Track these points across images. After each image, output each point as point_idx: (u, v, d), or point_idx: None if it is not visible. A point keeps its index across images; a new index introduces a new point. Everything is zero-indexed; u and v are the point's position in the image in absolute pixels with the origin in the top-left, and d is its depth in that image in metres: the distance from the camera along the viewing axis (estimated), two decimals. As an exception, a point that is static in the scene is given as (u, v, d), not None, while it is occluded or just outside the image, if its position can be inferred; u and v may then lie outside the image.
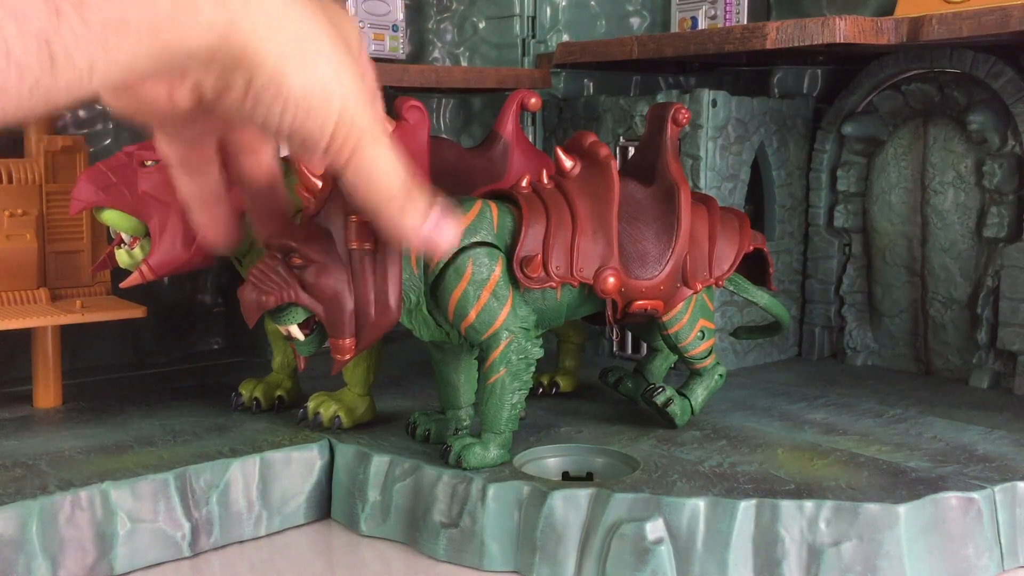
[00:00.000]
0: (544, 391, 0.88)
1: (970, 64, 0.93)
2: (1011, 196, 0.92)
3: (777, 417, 0.82)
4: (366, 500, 0.70)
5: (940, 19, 0.82)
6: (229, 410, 0.83)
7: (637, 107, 0.99)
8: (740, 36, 0.88)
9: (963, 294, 0.97)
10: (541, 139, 1.13)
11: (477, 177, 0.81)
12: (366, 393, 0.78)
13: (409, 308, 0.67)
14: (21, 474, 0.66)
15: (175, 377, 0.98)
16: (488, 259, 0.66)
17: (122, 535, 0.64)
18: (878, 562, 0.60)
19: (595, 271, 0.69)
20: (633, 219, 0.72)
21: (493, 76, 1.05)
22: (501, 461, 0.68)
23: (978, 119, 0.92)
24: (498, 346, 0.67)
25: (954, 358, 0.98)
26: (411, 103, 0.80)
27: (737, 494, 0.62)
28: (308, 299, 0.62)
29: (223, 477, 0.68)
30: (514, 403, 0.68)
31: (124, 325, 1.01)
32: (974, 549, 0.62)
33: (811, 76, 1.10)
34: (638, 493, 0.62)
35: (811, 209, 1.07)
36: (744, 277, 0.80)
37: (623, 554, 0.60)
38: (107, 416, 0.82)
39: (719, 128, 0.96)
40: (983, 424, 0.80)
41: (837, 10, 1.08)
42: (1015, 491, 0.65)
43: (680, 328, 0.75)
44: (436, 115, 1.22)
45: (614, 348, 1.06)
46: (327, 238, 0.62)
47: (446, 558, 0.65)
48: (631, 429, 0.77)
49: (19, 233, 0.82)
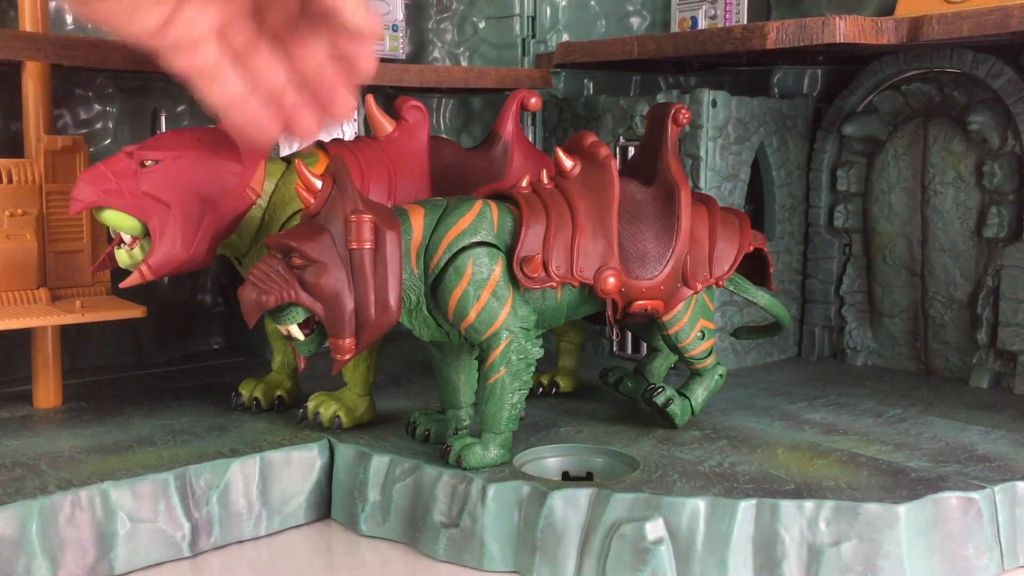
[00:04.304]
0: (544, 391, 0.88)
1: (970, 64, 0.93)
2: (1011, 196, 0.92)
3: (777, 417, 0.82)
4: (366, 500, 0.70)
5: (940, 19, 0.82)
6: (229, 410, 0.83)
7: (637, 107, 0.99)
8: (740, 36, 0.88)
9: (963, 294, 0.97)
10: (541, 139, 1.13)
11: (477, 177, 0.81)
12: (366, 393, 0.78)
13: (409, 308, 0.67)
14: (21, 474, 0.66)
15: (175, 377, 0.98)
16: (488, 259, 0.66)
17: (122, 535, 0.64)
18: (878, 562, 0.60)
19: (595, 271, 0.69)
20: (633, 219, 0.72)
21: (493, 76, 1.06)
22: (501, 461, 0.68)
23: (978, 119, 0.92)
24: (498, 346, 0.67)
25: (954, 358, 0.98)
26: (411, 103, 0.80)
27: (737, 494, 0.62)
28: (308, 299, 0.62)
29: (223, 477, 0.68)
30: (514, 403, 0.68)
31: (124, 325, 1.01)
32: (974, 549, 0.62)
33: (811, 76, 1.10)
34: (638, 493, 0.62)
35: (811, 209, 1.07)
36: (744, 277, 0.80)
37: (623, 554, 0.60)
38: (107, 416, 0.82)
39: (719, 128, 0.96)
40: (983, 424, 0.80)
41: (837, 10, 1.08)
42: (1015, 491, 0.65)
43: (680, 328, 0.75)
44: (436, 115, 1.22)
45: (614, 348, 1.06)
46: (327, 238, 0.62)
47: (446, 558, 0.65)
48: (631, 429, 0.77)
49: (19, 233, 0.82)
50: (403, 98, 0.80)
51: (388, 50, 1.09)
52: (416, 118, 0.80)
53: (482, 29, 1.19)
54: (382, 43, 1.05)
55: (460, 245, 0.66)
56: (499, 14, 1.17)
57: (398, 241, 0.63)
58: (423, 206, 0.68)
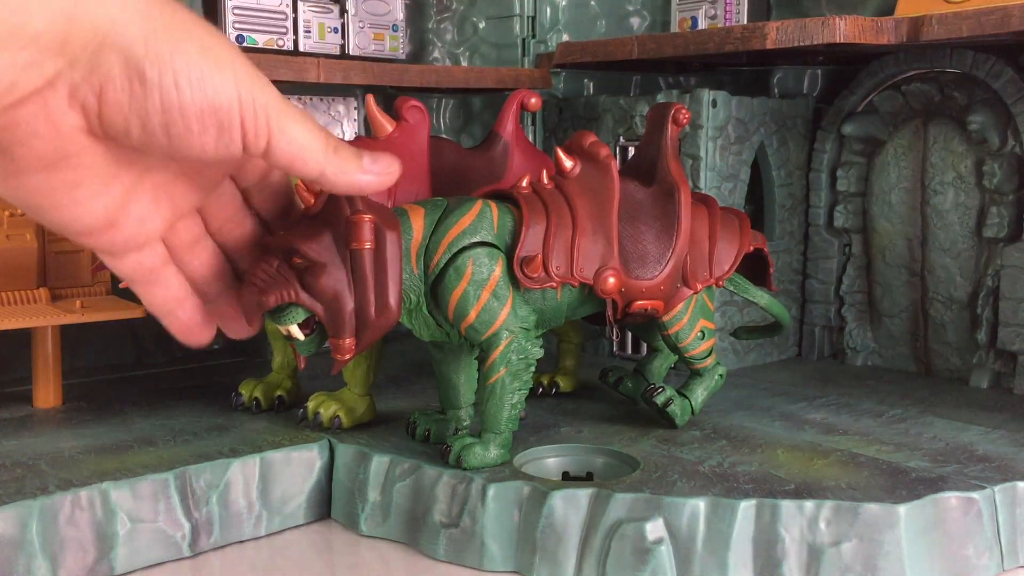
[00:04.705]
0: (544, 391, 0.88)
1: (970, 64, 0.93)
2: (1011, 196, 0.92)
3: (777, 417, 0.82)
4: (366, 500, 0.69)
5: (940, 19, 0.82)
6: (229, 410, 0.83)
7: (637, 107, 0.99)
8: (740, 36, 0.88)
9: (963, 294, 0.97)
10: (541, 139, 1.13)
11: (477, 177, 0.81)
12: (366, 393, 0.78)
13: (409, 308, 0.67)
14: (21, 474, 0.66)
15: (175, 377, 0.98)
16: (488, 259, 0.66)
17: (122, 535, 0.64)
18: (878, 562, 0.60)
19: (595, 271, 0.69)
20: (633, 219, 0.72)
21: (493, 76, 1.05)
22: (501, 461, 0.68)
23: (978, 119, 0.92)
24: (498, 346, 0.67)
25: (954, 358, 0.98)
26: (411, 103, 0.80)
27: (737, 494, 0.62)
28: (308, 299, 0.61)
29: (223, 477, 0.68)
30: (514, 403, 0.68)
31: (124, 325, 1.01)
32: (974, 549, 0.62)
33: (811, 76, 1.10)
34: (638, 493, 0.62)
35: (811, 209, 1.07)
36: (744, 277, 0.80)
37: (623, 554, 0.60)
38: (107, 416, 0.81)
39: (719, 128, 0.96)
40: (983, 424, 0.80)
41: (837, 10, 1.08)
42: (1015, 491, 0.65)
43: (680, 328, 0.75)
44: (436, 115, 1.22)
45: (614, 348, 1.06)
46: (328, 238, 0.62)
47: (446, 558, 0.65)
48: (631, 429, 0.77)
49: (19, 233, 0.82)
50: (403, 98, 0.80)
51: (388, 50, 1.09)
52: (416, 118, 0.80)
53: (482, 29, 1.19)
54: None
55: (460, 245, 0.66)
56: (499, 14, 1.17)
57: (398, 241, 0.63)
58: (423, 206, 0.68)
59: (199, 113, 0.39)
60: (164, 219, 0.45)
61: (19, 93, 0.36)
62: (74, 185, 0.40)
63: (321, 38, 1.04)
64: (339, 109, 1.12)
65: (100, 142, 0.39)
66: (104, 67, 0.37)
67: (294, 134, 0.42)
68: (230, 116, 0.39)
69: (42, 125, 0.37)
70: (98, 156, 0.40)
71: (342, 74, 0.94)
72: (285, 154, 0.42)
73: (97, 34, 0.36)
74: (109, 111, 0.38)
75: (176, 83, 0.38)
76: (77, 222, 0.41)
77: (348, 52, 1.06)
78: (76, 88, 0.37)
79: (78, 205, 0.40)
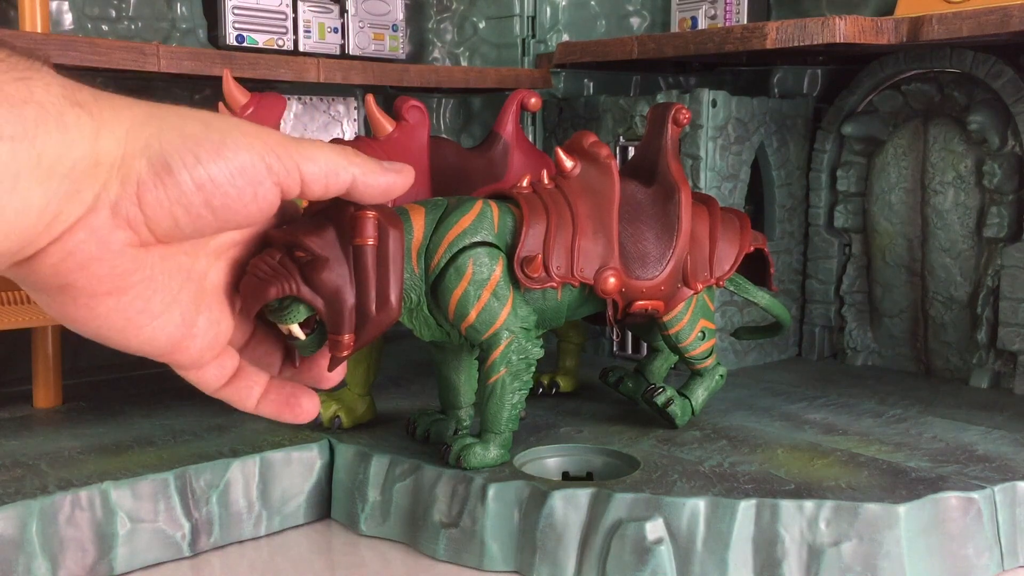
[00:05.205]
0: (544, 391, 0.88)
1: (970, 64, 0.93)
2: (1011, 196, 0.92)
3: (777, 417, 0.82)
4: (366, 500, 0.69)
5: (940, 19, 0.82)
6: (229, 410, 0.82)
7: (637, 107, 0.99)
8: (740, 36, 0.88)
9: (963, 294, 0.97)
10: (541, 139, 1.13)
11: (477, 177, 0.81)
12: (366, 393, 0.78)
13: (410, 308, 0.67)
14: (21, 474, 0.66)
15: (175, 377, 0.97)
16: (489, 259, 0.66)
17: (122, 535, 0.64)
18: (878, 562, 0.60)
19: (596, 271, 0.69)
20: (633, 219, 0.72)
21: (493, 76, 1.06)
22: (501, 461, 0.68)
23: (978, 119, 0.92)
24: (498, 346, 0.67)
25: (954, 358, 0.98)
26: (411, 103, 0.80)
27: (737, 494, 0.62)
28: (309, 293, 0.61)
29: (223, 477, 0.68)
30: (514, 403, 0.68)
31: (124, 325, 1.01)
32: (974, 549, 0.62)
33: (811, 76, 1.10)
34: (638, 493, 0.62)
35: (811, 209, 1.07)
36: (745, 277, 0.80)
37: (623, 554, 0.60)
38: (107, 416, 0.82)
39: (719, 128, 0.96)
40: (983, 424, 0.80)
41: (837, 10, 1.08)
42: (1015, 491, 0.65)
43: (681, 328, 0.75)
44: (436, 115, 1.22)
45: (614, 348, 1.06)
46: (331, 233, 0.62)
47: (446, 558, 0.65)
48: (631, 429, 0.77)
49: (19, 233, 0.82)
50: (403, 98, 0.80)
51: (388, 50, 1.09)
52: (416, 118, 0.80)
53: (482, 29, 1.19)
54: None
55: (460, 245, 0.66)
56: (499, 14, 1.17)
57: (401, 239, 0.63)
58: (424, 206, 0.68)
59: (230, 176, 0.41)
60: (229, 321, 0.49)
61: (65, 222, 0.38)
62: (144, 302, 0.43)
63: (321, 38, 1.04)
64: (339, 109, 1.12)
65: (154, 252, 0.42)
66: (133, 175, 0.39)
67: (318, 156, 0.45)
68: (256, 169, 0.42)
69: (94, 248, 0.39)
70: (156, 270, 0.42)
71: (342, 74, 0.94)
72: (319, 178, 0.45)
73: (119, 149, 0.39)
74: (152, 212, 0.40)
75: (198, 159, 0.40)
76: (156, 340, 0.44)
77: (348, 52, 1.06)
78: (116, 205, 0.39)
79: (154, 319, 0.43)
